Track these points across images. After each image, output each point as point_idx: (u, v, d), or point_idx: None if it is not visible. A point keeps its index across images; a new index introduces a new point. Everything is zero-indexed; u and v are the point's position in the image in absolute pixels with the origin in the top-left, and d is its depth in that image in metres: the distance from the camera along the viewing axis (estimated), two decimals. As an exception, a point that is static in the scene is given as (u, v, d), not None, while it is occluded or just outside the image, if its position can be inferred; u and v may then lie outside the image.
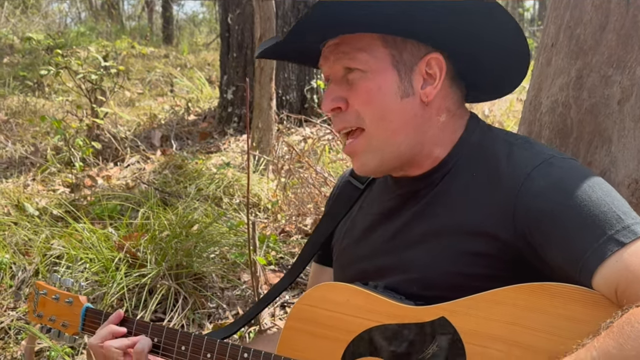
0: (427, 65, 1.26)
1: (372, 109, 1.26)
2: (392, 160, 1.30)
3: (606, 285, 1.03)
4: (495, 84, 1.39)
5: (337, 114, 1.30)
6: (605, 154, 1.50)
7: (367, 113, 1.26)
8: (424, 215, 1.30)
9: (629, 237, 1.03)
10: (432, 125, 1.29)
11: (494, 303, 1.11)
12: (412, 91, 1.26)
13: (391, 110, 1.25)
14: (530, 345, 1.07)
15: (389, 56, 1.25)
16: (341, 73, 1.29)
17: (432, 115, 1.28)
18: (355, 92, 1.26)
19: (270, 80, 4.69)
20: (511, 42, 1.25)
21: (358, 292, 1.27)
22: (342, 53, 1.27)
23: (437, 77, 1.26)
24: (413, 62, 1.26)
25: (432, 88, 1.26)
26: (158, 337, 1.46)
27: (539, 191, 1.14)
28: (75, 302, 1.59)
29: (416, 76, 1.26)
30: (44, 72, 4.54)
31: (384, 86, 1.25)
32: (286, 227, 3.72)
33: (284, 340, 1.35)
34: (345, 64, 1.27)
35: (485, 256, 1.19)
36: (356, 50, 1.25)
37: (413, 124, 1.27)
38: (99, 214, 3.69)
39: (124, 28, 15.34)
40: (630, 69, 1.46)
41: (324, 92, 1.33)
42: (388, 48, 1.25)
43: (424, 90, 1.26)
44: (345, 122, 1.29)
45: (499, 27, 1.21)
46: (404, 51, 1.25)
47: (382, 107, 1.25)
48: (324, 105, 1.30)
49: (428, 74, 1.26)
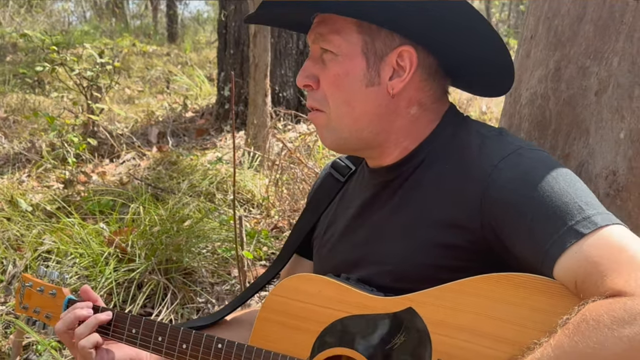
0: (398, 56, 1.25)
1: (337, 92, 1.26)
2: (354, 142, 1.30)
3: (566, 276, 1.03)
4: (487, 84, 1.39)
5: (310, 91, 1.32)
6: (583, 145, 1.49)
7: (333, 96, 1.27)
8: (398, 207, 1.29)
9: (589, 227, 1.03)
10: (400, 116, 1.28)
11: (460, 293, 1.11)
12: (379, 81, 1.25)
13: (355, 97, 1.25)
14: (496, 335, 1.07)
15: (361, 42, 1.24)
16: (318, 52, 1.29)
17: (400, 107, 1.27)
18: (326, 73, 1.27)
19: (265, 77, 4.69)
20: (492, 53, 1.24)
21: (330, 283, 1.28)
22: (319, 34, 1.27)
23: (407, 70, 1.25)
24: (384, 52, 1.25)
25: (399, 81, 1.25)
26: (136, 329, 1.47)
27: (505, 182, 1.14)
28: (59, 293, 1.60)
29: (385, 66, 1.25)
30: (40, 68, 4.54)
31: (351, 72, 1.25)
32: (279, 223, 3.72)
33: (257, 331, 1.35)
34: (320, 44, 1.28)
35: (457, 248, 1.19)
36: (331, 32, 1.25)
37: (376, 113, 1.26)
38: (92, 210, 3.69)
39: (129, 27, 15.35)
40: (607, 60, 1.45)
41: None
42: (362, 34, 1.24)
43: (391, 82, 1.25)
44: (313, 101, 1.31)
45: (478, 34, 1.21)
46: (377, 39, 1.24)
47: (347, 92, 1.26)
48: (298, 80, 1.32)
49: (399, 65, 1.25)
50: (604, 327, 0.92)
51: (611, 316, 0.92)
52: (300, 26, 1.40)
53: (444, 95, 1.34)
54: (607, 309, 0.93)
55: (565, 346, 0.94)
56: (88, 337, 1.42)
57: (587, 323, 0.93)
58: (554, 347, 0.95)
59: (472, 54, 1.27)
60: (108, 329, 1.48)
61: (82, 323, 1.44)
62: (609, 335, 0.91)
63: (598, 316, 0.93)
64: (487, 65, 1.30)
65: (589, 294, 0.99)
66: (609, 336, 0.91)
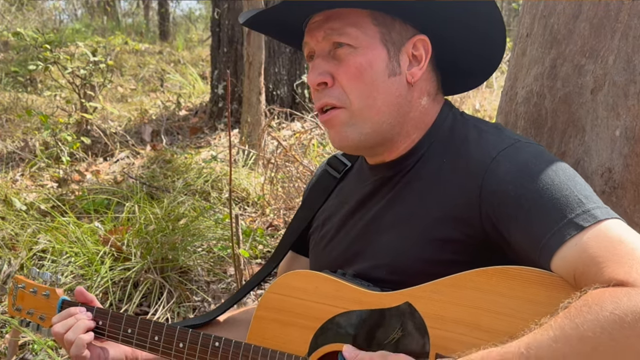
0: (413, 47, 1.27)
1: (360, 84, 1.25)
2: (372, 137, 1.28)
3: (565, 268, 1.03)
4: (467, 72, 1.40)
5: (322, 90, 1.29)
6: (579, 143, 1.50)
7: (354, 89, 1.26)
8: (396, 201, 1.30)
9: (589, 220, 1.03)
10: (414, 107, 1.30)
11: (456, 287, 1.12)
12: (399, 70, 1.26)
13: (378, 88, 1.25)
14: (492, 328, 1.08)
15: (378, 33, 1.25)
16: (328, 48, 1.28)
17: (414, 97, 1.29)
18: (344, 67, 1.26)
19: (259, 75, 4.69)
20: (493, 33, 1.27)
21: (326, 279, 1.28)
22: (331, 29, 1.26)
23: (422, 59, 1.28)
24: (401, 42, 1.27)
25: (417, 69, 1.27)
26: (132, 328, 1.46)
27: (503, 175, 1.14)
28: (52, 294, 1.59)
29: (403, 56, 1.27)
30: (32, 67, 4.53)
31: (375, 62, 1.25)
32: (274, 221, 3.72)
33: (254, 329, 1.35)
34: (335, 39, 1.26)
35: (454, 242, 1.19)
36: (347, 26, 1.25)
37: (397, 104, 1.27)
38: (86, 209, 3.68)
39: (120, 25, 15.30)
40: (603, 58, 1.45)
41: (310, 67, 1.32)
42: (378, 26, 1.25)
43: (410, 71, 1.27)
44: (329, 98, 1.28)
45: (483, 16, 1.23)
46: (392, 30, 1.26)
47: (371, 83, 1.25)
48: (310, 79, 1.29)
49: (414, 55, 1.28)
50: (607, 312, 0.92)
51: (614, 303, 0.92)
52: (286, 32, 1.40)
53: (440, 87, 1.36)
54: (610, 296, 0.94)
55: (566, 327, 0.94)
56: (76, 343, 1.42)
57: (589, 307, 0.93)
58: (555, 328, 0.95)
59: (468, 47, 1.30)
60: (104, 329, 1.47)
61: (70, 329, 1.44)
62: (610, 320, 0.91)
63: (601, 302, 0.93)
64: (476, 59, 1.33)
65: (588, 285, 0.99)
66: (611, 322, 0.91)
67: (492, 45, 1.30)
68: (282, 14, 1.30)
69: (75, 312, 1.48)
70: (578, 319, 0.93)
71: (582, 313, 0.94)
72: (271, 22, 1.39)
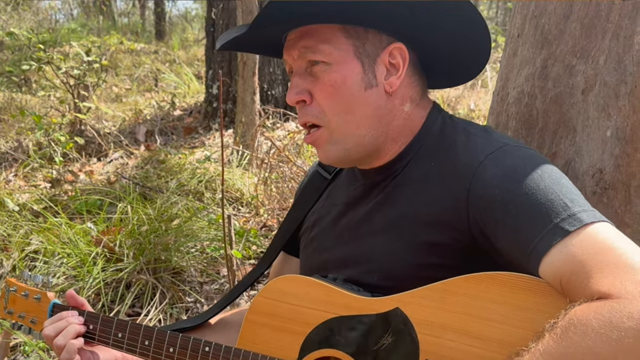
0: (390, 55, 1.25)
1: (336, 101, 1.25)
2: (357, 151, 1.29)
3: (551, 273, 1.03)
4: (453, 71, 1.39)
5: (302, 107, 1.29)
6: (570, 143, 1.49)
7: (331, 106, 1.25)
8: (385, 204, 1.29)
9: (575, 224, 1.03)
10: (396, 115, 1.28)
11: (445, 293, 1.11)
12: (376, 82, 1.25)
13: (355, 102, 1.24)
14: (481, 334, 1.07)
15: (351, 47, 1.24)
16: (305, 66, 1.28)
17: (395, 105, 1.28)
18: (319, 84, 1.25)
19: (254, 75, 4.67)
20: (474, 35, 1.25)
21: (317, 284, 1.27)
22: (305, 47, 1.25)
23: (400, 67, 1.26)
24: (376, 53, 1.25)
25: (395, 78, 1.25)
26: (122, 333, 1.45)
27: (490, 179, 1.14)
28: (43, 298, 1.59)
29: (379, 67, 1.25)
30: (26, 67, 4.51)
31: (349, 77, 1.24)
32: (268, 222, 3.72)
33: (245, 333, 1.34)
34: (309, 57, 1.25)
35: (442, 246, 1.19)
36: (319, 43, 1.24)
37: (377, 116, 1.26)
38: (79, 209, 3.67)
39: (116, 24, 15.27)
40: (594, 58, 1.45)
41: (290, 85, 1.32)
42: (350, 39, 1.24)
43: (387, 81, 1.25)
44: (307, 117, 1.28)
45: (463, 18, 1.21)
46: (366, 42, 1.24)
47: (347, 98, 1.24)
48: (289, 97, 1.29)
49: (391, 64, 1.26)
50: (592, 331, 0.92)
51: (599, 320, 0.92)
52: (267, 48, 1.39)
53: (426, 91, 1.35)
54: (594, 313, 0.93)
55: (554, 351, 0.94)
56: (67, 348, 1.41)
57: (575, 327, 0.93)
58: (542, 353, 0.95)
59: (450, 47, 1.29)
60: (94, 333, 1.46)
61: (60, 333, 1.43)
62: (597, 340, 0.91)
63: (586, 320, 0.93)
64: (461, 58, 1.32)
65: (574, 294, 0.99)
66: (597, 340, 0.91)
67: (472, 42, 1.28)
68: (254, 34, 1.29)
69: (67, 315, 1.47)
70: (565, 342, 0.94)
71: (568, 335, 0.94)
72: (249, 43, 1.39)
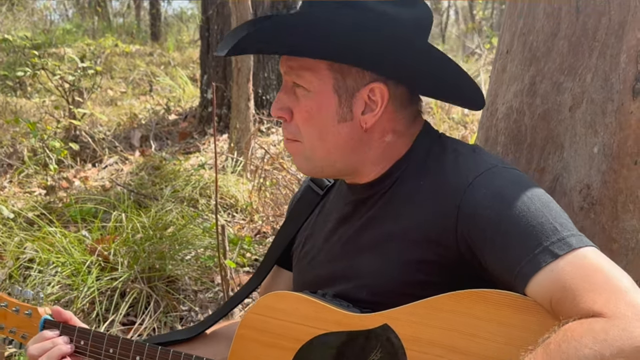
0: (370, 92, 1.25)
1: (310, 127, 1.28)
2: (330, 172, 1.34)
3: (540, 294, 1.05)
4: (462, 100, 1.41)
5: (283, 122, 1.33)
6: (558, 159, 1.51)
7: (305, 130, 1.29)
8: (373, 221, 1.31)
9: (564, 249, 1.05)
10: (374, 146, 1.30)
11: (433, 309, 1.13)
12: (351, 116, 1.26)
13: (327, 132, 1.27)
14: (468, 350, 1.09)
15: (332, 80, 1.25)
16: (291, 83, 1.30)
17: (373, 138, 1.29)
18: (298, 107, 1.28)
19: (248, 81, 4.69)
20: (450, 77, 1.27)
21: (306, 300, 1.28)
22: (290, 68, 1.28)
23: (378, 105, 1.26)
24: (355, 88, 1.26)
25: (371, 115, 1.26)
26: (113, 348, 1.46)
27: (480, 200, 1.15)
28: (34, 314, 1.59)
29: (357, 102, 1.26)
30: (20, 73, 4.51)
31: (323, 108, 1.26)
32: (262, 228, 3.73)
33: (235, 348, 1.36)
34: (293, 79, 1.28)
35: (430, 263, 1.21)
36: (302, 69, 1.26)
37: (349, 147, 1.28)
38: (73, 217, 3.67)
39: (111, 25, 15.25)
40: (581, 76, 1.47)
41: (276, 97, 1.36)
42: (332, 72, 1.25)
43: (364, 117, 1.26)
44: (287, 132, 1.33)
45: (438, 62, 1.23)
46: (347, 77, 1.25)
47: (319, 127, 1.27)
48: (272, 111, 1.33)
49: (371, 99, 1.26)
50: (585, 347, 0.93)
51: (592, 337, 0.94)
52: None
53: (418, 116, 1.35)
54: (588, 329, 0.95)
55: None
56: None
57: (568, 343, 0.95)
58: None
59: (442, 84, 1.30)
60: (85, 349, 1.47)
61: (45, 354, 1.43)
62: (590, 356, 0.93)
63: (580, 336, 0.95)
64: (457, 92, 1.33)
65: (565, 312, 1.00)
66: (590, 357, 0.93)
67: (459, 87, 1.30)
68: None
69: (51, 336, 1.47)
70: (558, 357, 0.95)
71: (562, 350, 0.95)
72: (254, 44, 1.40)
